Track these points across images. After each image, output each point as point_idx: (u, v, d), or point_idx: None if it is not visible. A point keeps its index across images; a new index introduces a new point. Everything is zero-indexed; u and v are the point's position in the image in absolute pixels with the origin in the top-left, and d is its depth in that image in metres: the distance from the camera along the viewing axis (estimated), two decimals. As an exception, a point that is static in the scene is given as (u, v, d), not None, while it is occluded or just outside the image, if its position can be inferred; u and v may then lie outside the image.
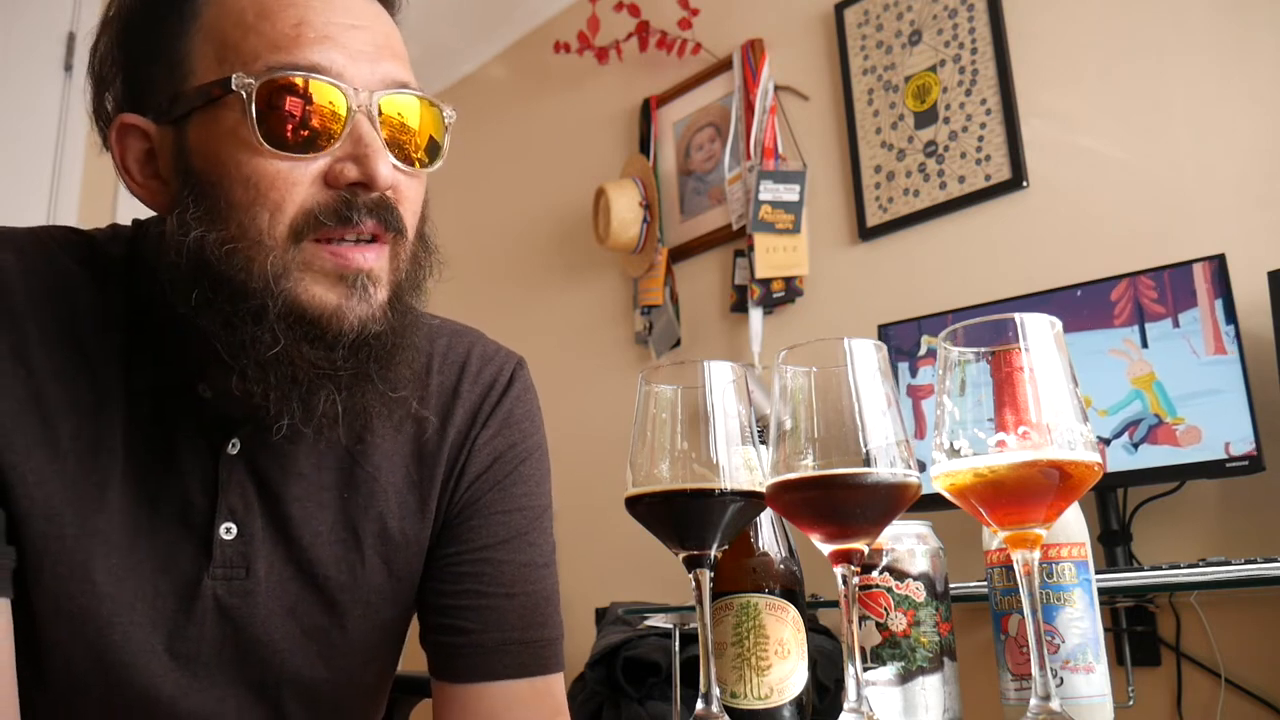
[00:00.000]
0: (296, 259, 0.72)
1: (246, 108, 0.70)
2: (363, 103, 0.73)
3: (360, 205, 0.72)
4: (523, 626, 0.87)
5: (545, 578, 0.91)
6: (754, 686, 0.74)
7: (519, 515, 0.90)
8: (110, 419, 0.77)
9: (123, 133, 0.76)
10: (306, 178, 0.72)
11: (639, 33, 2.87)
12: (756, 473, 0.68)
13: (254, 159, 0.71)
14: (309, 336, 0.72)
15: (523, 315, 3.26)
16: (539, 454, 0.94)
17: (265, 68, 0.70)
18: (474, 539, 0.88)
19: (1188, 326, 1.69)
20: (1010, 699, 0.74)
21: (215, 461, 0.80)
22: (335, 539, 0.84)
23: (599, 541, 2.78)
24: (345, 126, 0.72)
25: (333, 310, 0.72)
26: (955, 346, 0.64)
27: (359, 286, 0.73)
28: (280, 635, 0.82)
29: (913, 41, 2.38)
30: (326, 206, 0.72)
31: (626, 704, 1.93)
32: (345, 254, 0.73)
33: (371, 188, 0.73)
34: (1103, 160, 2.05)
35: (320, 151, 0.72)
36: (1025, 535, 0.62)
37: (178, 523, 0.79)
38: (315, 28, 0.72)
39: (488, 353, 0.94)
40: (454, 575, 0.88)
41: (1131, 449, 1.71)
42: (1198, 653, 1.78)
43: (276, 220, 0.71)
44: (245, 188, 0.71)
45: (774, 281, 2.49)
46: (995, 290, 2.05)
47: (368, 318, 0.73)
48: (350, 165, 0.72)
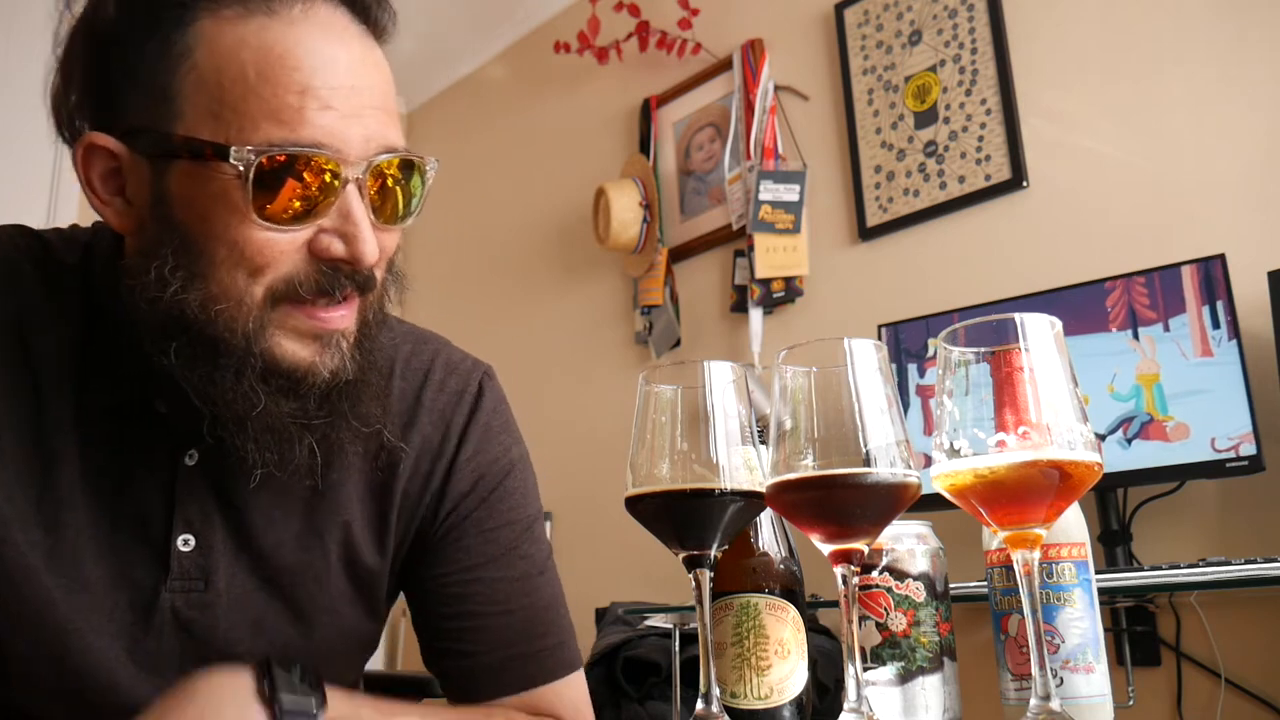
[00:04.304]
0: (272, 319, 0.72)
1: (244, 179, 0.68)
2: (354, 174, 0.71)
3: (343, 278, 0.73)
4: (524, 640, 0.87)
5: (541, 587, 0.90)
6: (754, 686, 0.74)
7: (507, 530, 0.90)
8: (64, 432, 0.77)
9: (90, 151, 0.74)
10: (292, 246, 0.71)
11: (639, 33, 2.87)
12: (756, 473, 0.68)
13: (242, 225, 0.70)
14: (284, 390, 0.73)
15: (523, 315, 3.26)
16: (521, 465, 0.93)
17: (266, 142, 0.68)
18: (463, 559, 0.88)
19: (1177, 331, 1.71)
20: (1010, 699, 0.74)
21: (173, 473, 0.79)
22: (299, 546, 0.83)
23: (599, 541, 2.78)
24: (336, 200, 0.71)
25: (307, 366, 0.73)
26: (955, 347, 0.64)
27: (332, 344, 0.75)
28: (244, 648, 0.81)
29: (913, 41, 2.38)
30: (309, 279, 0.72)
31: (626, 704, 1.93)
32: (322, 316, 0.74)
33: (357, 266, 0.73)
34: (1103, 160, 2.05)
35: (309, 222, 0.71)
36: (1025, 535, 0.62)
37: (135, 536, 0.78)
38: (319, 96, 0.70)
39: (453, 361, 0.94)
40: (447, 597, 0.88)
41: (1125, 444, 1.72)
42: (1198, 653, 1.78)
43: (255, 282, 0.71)
44: (230, 250, 0.70)
45: (774, 281, 2.49)
46: (995, 290, 2.05)
47: (339, 368, 0.75)
48: (337, 242, 0.72)
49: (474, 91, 3.65)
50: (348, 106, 0.71)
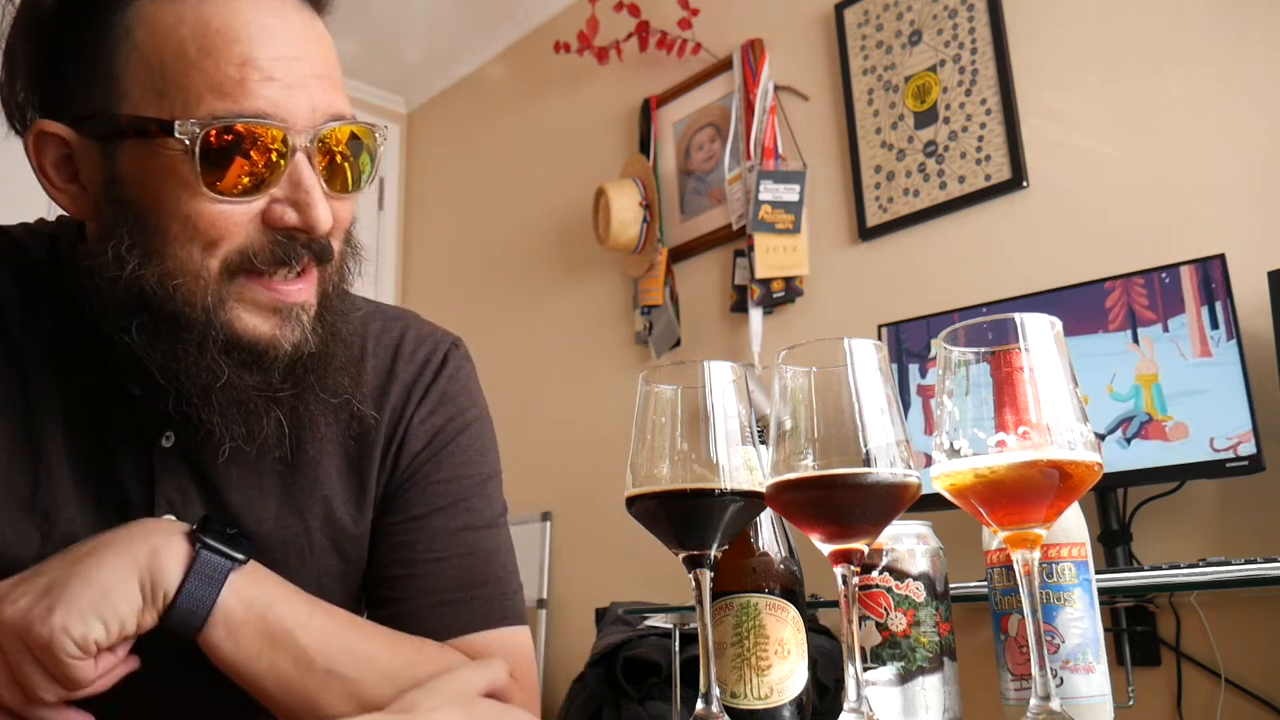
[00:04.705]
0: (231, 291, 0.73)
1: (190, 153, 0.69)
2: (302, 143, 0.72)
3: (298, 248, 0.74)
4: (460, 588, 0.86)
5: (485, 540, 0.89)
6: (754, 686, 0.74)
7: (456, 484, 0.90)
8: (50, 422, 0.78)
9: (41, 139, 0.75)
10: (245, 218, 0.72)
11: (639, 33, 2.87)
12: (756, 473, 0.68)
13: (194, 200, 0.71)
14: (247, 363, 0.74)
15: (523, 315, 3.26)
16: (478, 425, 0.94)
17: (210, 115, 0.69)
18: (409, 509, 0.88)
19: (1176, 331, 1.71)
20: (1010, 699, 0.74)
21: (151, 456, 0.80)
22: (279, 525, 0.84)
23: (599, 541, 2.78)
24: (285, 169, 0.72)
25: (268, 340, 0.74)
26: (955, 347, 0.64)
27: (293, 317, 0.75)
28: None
29: (913, 41, 2.38)
30: (264, 250, 0.73)
31: (626, 704, 1.93)
32: (280, 289, 0.74)
33: (311, 234, 0.74)
34: (1103, 160, 2.05)
35: (260, 193, 0.72)
36: (1025, 535, 0.62)
37: (117, 518, 0.79)
38: (260, 67, 0.70)
39: (422, 334, 0.95)
40: (390, 545, 0.88)
41: (1124, 444, 1.72)
42: (1198, 653, 1.78)
43: (211, 255, 0.72)
44: (183, 225, 0.71)
45: (774, 281, 2.49)
46: (995, 290, 2.05)
47: (300, 341, 0.75)
48: (290, 210, 0.73)
49: (474, 91, 3.65)
50: (290, 76, 0.72)
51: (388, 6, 3.30)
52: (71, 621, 0.65)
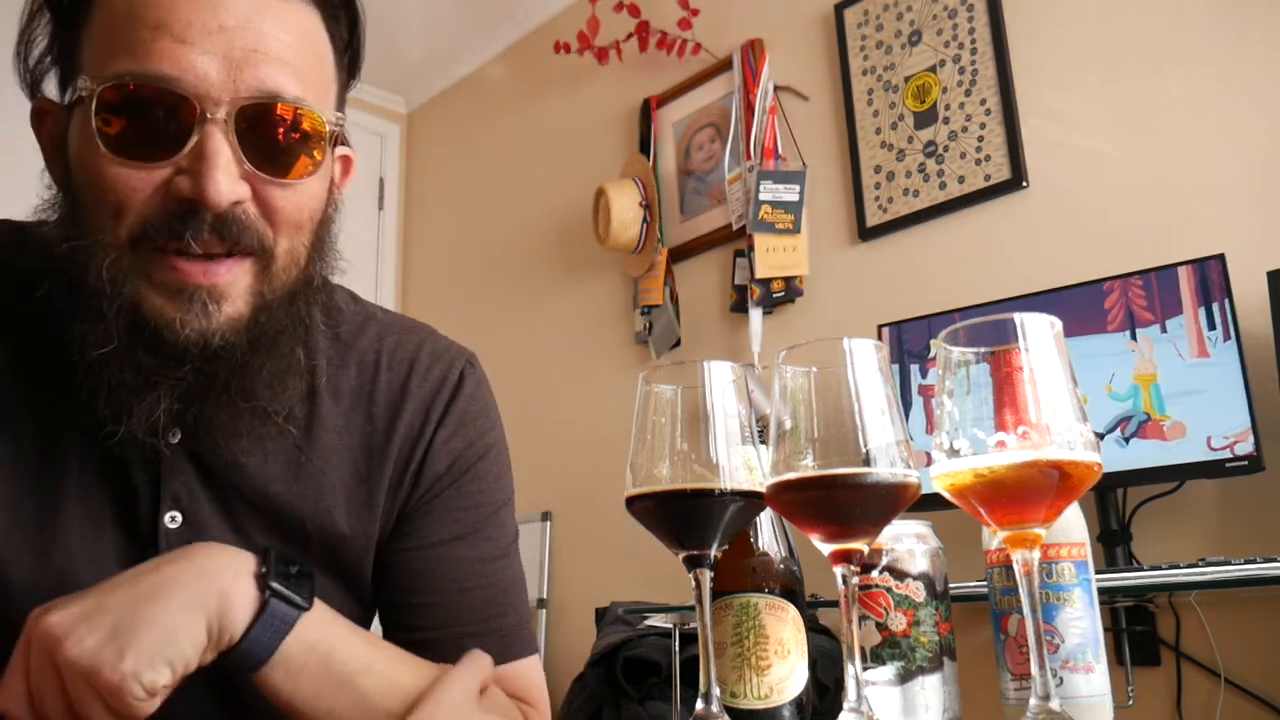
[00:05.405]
0: (136, 265, 0.71)
1: (90, 114, 0.69)
2: (214, 114, 0.69)
3: (197, 222, 0.70)
4: (481, 619, 0.88)
5: (502, 569, 0.91)
6: (754, 686, 0.74)
7: (474, 512, 0.90)
8: (62, 413, 0.78)
9: (39, 114, 0.78)
10: (147, 186, 0.70)
11: (639, 33, 2.87)
12: (756, 473, 0.68)
13: (98, 163, 0.70)
14: (146, 344, 0.72)
15: (523, 315, 3.26)
16: (496, 450, 0.94)
17: (112, 74, 0.69)
18: (428, 535, 0.88)
19: (1174, 332, 1.71)
20: (1010, 699, 0.74)
21: (157, 452, 0.79)
22: (283, 529, 0.84)
23: (599, 541, 2.78)
24: (190, 138, 0.69)
25: (168, 322, 0.72)
26: (955, 347, 0.64)
27: (197, 301, 0.72)
28: None
29: (913, 41, 2.38)
30: (162, 222, 0.70)
31: (626, 704, 1.93)
32: (183, 268, 0.71)
33: (205, 205, 0.70)
34: (1103, 160, 2.05)
35: (161, 162, 0.70)
36: (1025, 535, 0.63)
37: (127, 513, 0.79)
38: (172, 30, 0.69)
39: (438, 350, 0.94)
40: (408, 572, 0.88)
41: (1123, 443, 1.72)
42: (1197, 653, 1.78)
43: (117, 224, 0.71)
44: (91, 189, 0.71)
45: (774, 281, 2.49)
46: (995, 290, 2.05)
47: (206, 331, 0.72)
48: (186, 179, 0.70)
49: (474, 91, 3.65)
50: (213, 44, 0.70)
51: (388, 6, 3.30)
52: (141, 667, 0.64)
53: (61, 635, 0.63)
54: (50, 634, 0.63)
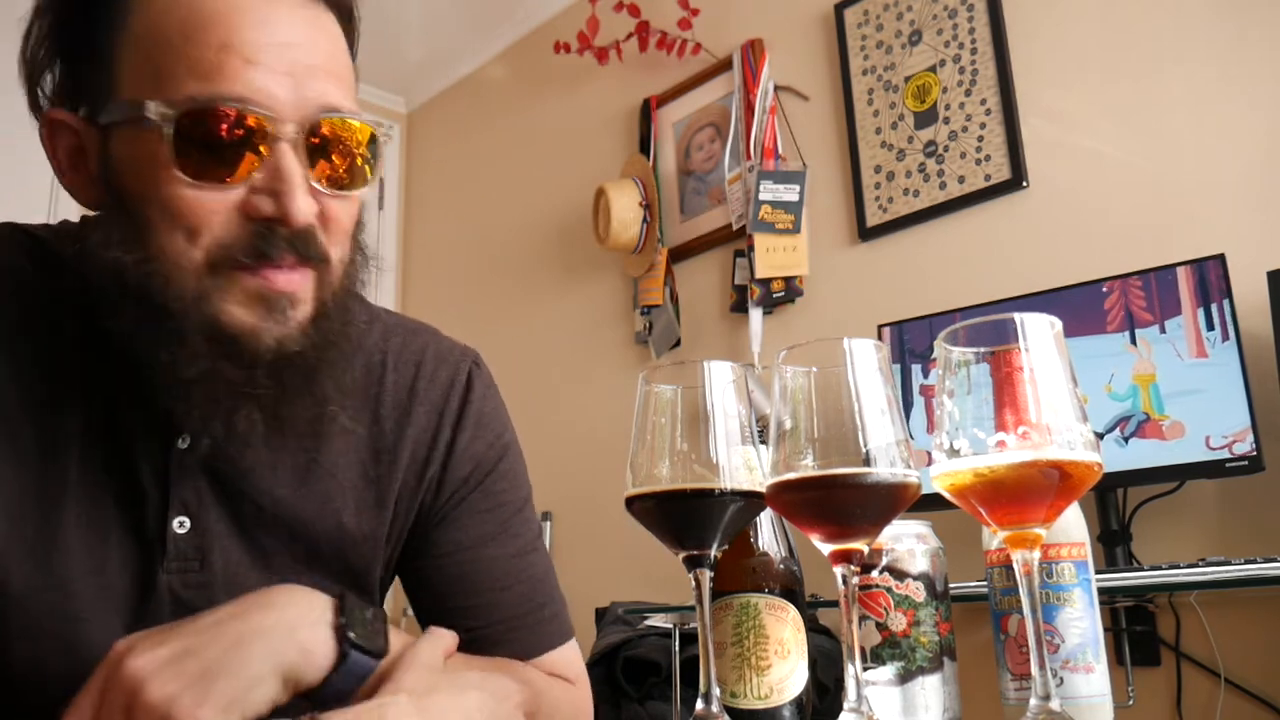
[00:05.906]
0: (217, 285, 0.71)
1: (165, 138, 0.69)
2: (286, 132, 0.70)
3: (276, 239, 0.71)
4: (523, 613, 0.90)
5: (535, 562, 0.93)
6: (754, 686, 0.74)
7: (500, 511, 0.92)
8: (67, 419, 0.77)
9: (53, 127, 0.76)
10: (224, 207, 0.70)
11: (639, 33, 2.87)
12: (756, 473, 0.68)
13: (171, 186, 0.70)
14: (228, 354, 0.72)
15: (523, 315, 3.27)
16: (513, 448, 0.96)
17: (186, 98, 0.69)
18: (461, 539, 0.90)
19: (1173, 333, 1.72)
20: (1010, 699, 0.74)
21: (167, 457, 0.80)
22: (291, 533, 0.84)
23: (599, 541, 2.78)
24: (265, 158, 0.70)
25: (250, 329, 0.72)
26: (955, 347, 0.64)
27: (279, 309, 0.73)
28: None
29: (913, 41, 2.38)
30: (243, 243, 0.71)
31: (626, 704, 1.93)
32: (268, 276, 0.72)
33: (287, 224, 0.71)
34: (1103, 160, 2.05)
35: (239, 182, 0.70)
36: (1025, 535, 0.62)
37: (133, 518, 0.79)
38: (240, 51, 0.69)
39: (442, 351, 0.94)
40: (446, 578, 0.89)
41: (1122, 442, 1.72)
42: (1197, 653, 1.78)
43: (193, 245, 0.71)
44: (163, 212, 0.70)
45: (774, 281, 2.49)
46: (995, 290, 2.05)
47: (285, 337, 0.73)
48: (267, 200, 0.71)
49: (474, 91, 3.65)
50: (278, 63, 0.70)
51: (388, 6, 3.30)
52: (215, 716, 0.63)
53: (146, 679, 0.62)
54: (136, 677, 0.62)
